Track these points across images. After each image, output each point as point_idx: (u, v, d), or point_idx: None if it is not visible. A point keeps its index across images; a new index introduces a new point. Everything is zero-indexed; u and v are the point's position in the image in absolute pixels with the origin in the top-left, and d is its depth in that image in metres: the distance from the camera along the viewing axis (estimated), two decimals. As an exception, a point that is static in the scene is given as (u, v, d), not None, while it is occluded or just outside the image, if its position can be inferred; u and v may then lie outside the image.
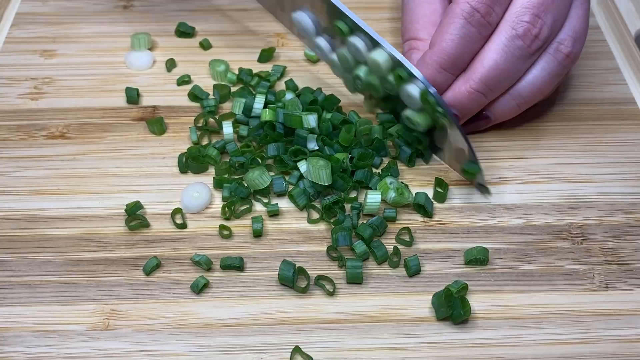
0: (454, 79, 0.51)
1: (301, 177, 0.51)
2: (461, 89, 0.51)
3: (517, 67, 0.51)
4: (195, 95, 0.57)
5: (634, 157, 0.54)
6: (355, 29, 0.50)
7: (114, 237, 0.49)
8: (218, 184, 0.51)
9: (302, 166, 0.51)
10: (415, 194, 0.50)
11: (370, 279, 0.47)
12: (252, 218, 0.49)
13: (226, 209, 0.50)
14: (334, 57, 0.54)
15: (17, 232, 0.49)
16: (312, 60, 0.61)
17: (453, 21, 0.49)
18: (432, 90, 0.48)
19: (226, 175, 0.52)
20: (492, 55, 0.50)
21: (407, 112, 0.51)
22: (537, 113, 0.57)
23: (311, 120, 0.52)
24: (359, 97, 0.57)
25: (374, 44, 0.50)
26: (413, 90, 0.49)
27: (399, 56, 0.49)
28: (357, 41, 0.50)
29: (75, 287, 0.46)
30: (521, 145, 0.55)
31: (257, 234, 0.49)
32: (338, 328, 0.45)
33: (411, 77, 0.49)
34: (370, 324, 0.45)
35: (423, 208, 0.50)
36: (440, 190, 0.51)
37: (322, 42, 0.54)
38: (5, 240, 0.49)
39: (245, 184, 0.51)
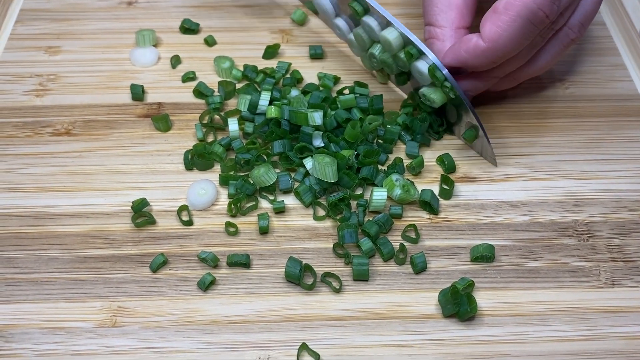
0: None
1: (307, 174, 0.51)
2: (483, 75, 0.52)
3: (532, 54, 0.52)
4: (200, 91, 0.57)
5: (640, 154, 0.54)
6: (368, 9, 0.52)
7: (120, 234, 0.49)
8: (224, 181, 0.51)
9: (308, 163, 0.51)
10: (421, 190, 0.50)
11: (376, 276, 0.47)
12: (258, 215, 0.49)
13: (232, 206, 0.50)
14: (352, 36, 0.56)
15: (24, 229, 0.49)
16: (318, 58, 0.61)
17: (516, 20, 0.47)
18: (439, 64, 0.50)
19: (232, 172, 0.52)
20: (523, 54, 0.51)
21: (423, 90, 0.53)
22: (542, 110, 0.57)
23: (317, 117, 0.52)
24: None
25: (386, 23, 0.51)
26: (422, 66, 0.51)
27: (410, 34, 0.50)
28: (370, 20, 0.52)
29: (82, 284, 0.46)
30: (527, 142, 0.55)
31: (263, 231, 0.49)
32: (344, 325, 0.45)
33: (421, 54, 0.51)
34: (377, 320, 0.45)
35: (429, 205, 0.50)
36: (446, 187, 0.51)
37: (340, 22, 0.56)
38: (12, 237, 0.49)
39: (251, 181, 0.51)
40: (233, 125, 0.54)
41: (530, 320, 0.45)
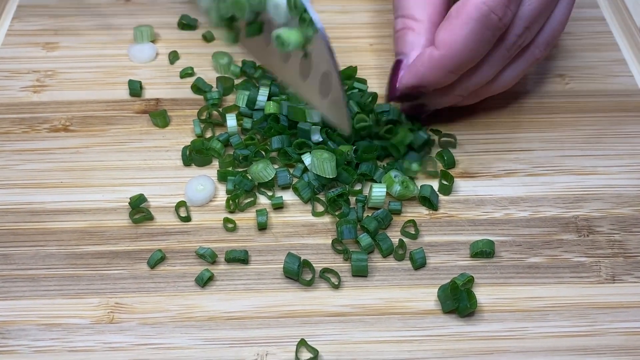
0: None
1: (306, 169, 0.51)
2: (445, 92, 0.51)
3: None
4: (199, 87, 0.57)
5: (640, 149, 0.54)
6: None
7: (117, 230, 0.49)
8: (222, 177, 0.51)
9: (307, 159, 0.51)
10: (421, 186, 0.50)
11: (375, 271, 0.47)
12: (257, 211, 0.49)
13: (231, 201, 0.49)
14: None
15: (21, 225, 0.49)
16: None
17: (468, 23, 0.45)
18: None
19: (230, 168, 0.52)
20: (487, 69, 0.49)
21: (277, 32, 0.47)
22: (542, 105, 0.57)
23: (314, 113, 0.51)
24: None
25: None
26: None
27: None
28: None
29: (79, 280, 0.46)
30: (526, 137, 0.54)
31: (262, 227, 0.49)
32: (344, 321, 0.44)
33: None
34: (376, 316, 0.45)
35: (428, 201, 0.50)
36: (445, 182, 0.51)
37: None
38: (9, 233, 0.48)
39: (250, 177, 0.51)
40: (231, 121, 0.54)
41: (530, 316, 0.45)
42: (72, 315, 0.45)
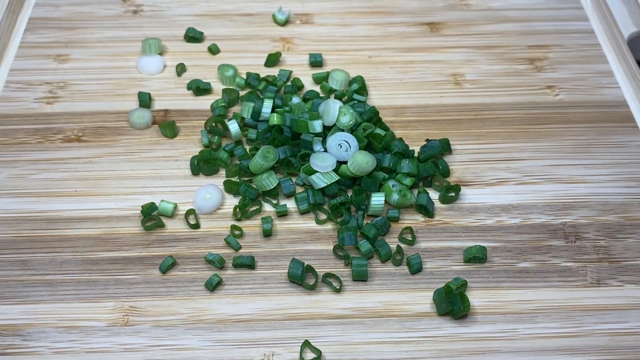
0: None
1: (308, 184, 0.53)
2: None
3: None
4: (199, 87, 0.59)
5: (626, 159, 0.56)
6: None
7: (130, 237, 0.51)
8: (229, 189, 0.53)
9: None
10: (417, 195, 0.53)
11: (374, 276, 0.49)
12: (262, 218, 0.52)
13: (237, 209, 0.52)
14: None
15: (38, 233, 0.51)
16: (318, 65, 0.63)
17: None
18: None
19: (236, 178, 0.54)
20: None
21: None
22: (532, 116, 0.59)
23: (317, 125, 0.54)
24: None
25: None
26: None
27: None
28: None
29: (95, 285, 0.49)
30: (517, 147, 0.57)
31: (267, 234, 0.51)
32: (345, 323, 0.47)
33: None
34: (375, 319, 0.47)
35: (425, 208, 0.52)
36: (452, 194, 0.53)
37: None
38: (27, 240, 0.51)
39: (254, 186, 0.53)
40: (233, 126, 0.55)
41: (520, 318, 0.47)
42: (89, 318, 0.47)
